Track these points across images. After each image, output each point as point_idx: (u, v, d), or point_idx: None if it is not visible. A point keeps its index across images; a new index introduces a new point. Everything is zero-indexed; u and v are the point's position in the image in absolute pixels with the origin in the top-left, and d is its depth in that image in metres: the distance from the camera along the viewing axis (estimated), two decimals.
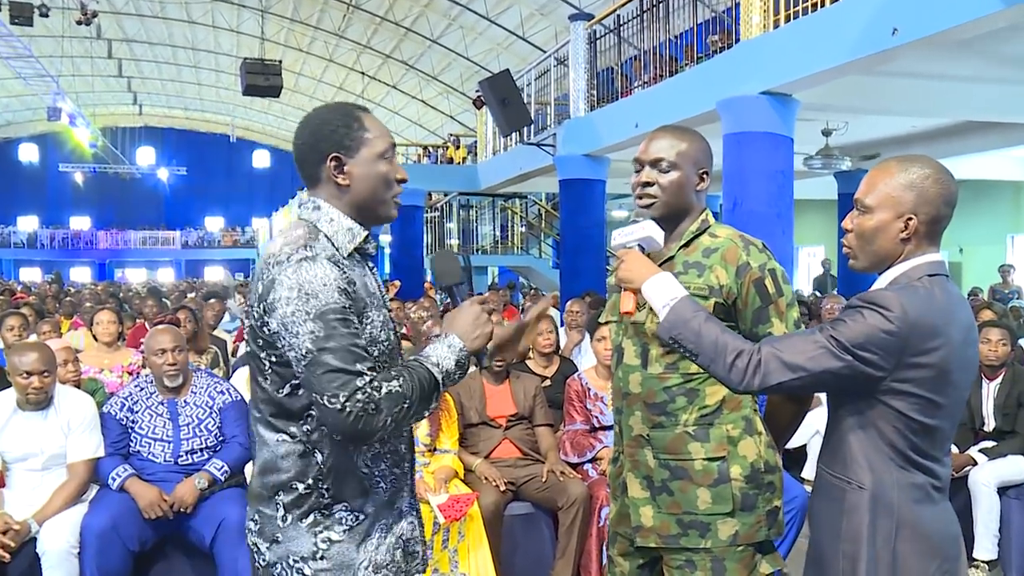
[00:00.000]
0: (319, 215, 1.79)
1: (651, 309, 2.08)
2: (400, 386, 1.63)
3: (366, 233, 1.81)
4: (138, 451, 3.62)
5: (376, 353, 1.73)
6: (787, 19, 6.54)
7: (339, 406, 1.58)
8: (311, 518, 1.73)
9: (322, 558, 1.72)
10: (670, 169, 2.18)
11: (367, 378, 1.60)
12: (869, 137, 9.94)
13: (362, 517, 1.75)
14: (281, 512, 1.74)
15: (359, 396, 1.59)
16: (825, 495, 1.84)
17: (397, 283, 11.09)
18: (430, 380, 1.68)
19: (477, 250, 18.99)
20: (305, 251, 1.68)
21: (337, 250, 1.75)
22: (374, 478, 1.77)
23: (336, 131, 1.77)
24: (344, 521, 1.74)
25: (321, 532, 1.73)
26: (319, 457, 1.73)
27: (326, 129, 1.77)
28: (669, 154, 2.18)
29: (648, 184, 2.19)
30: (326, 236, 1.76)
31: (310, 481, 1.73)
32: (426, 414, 1.70)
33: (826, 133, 9.17)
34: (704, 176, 2.24)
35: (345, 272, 1.69)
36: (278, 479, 1.74)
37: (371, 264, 1.89)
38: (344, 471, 1.74)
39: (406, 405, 1.63)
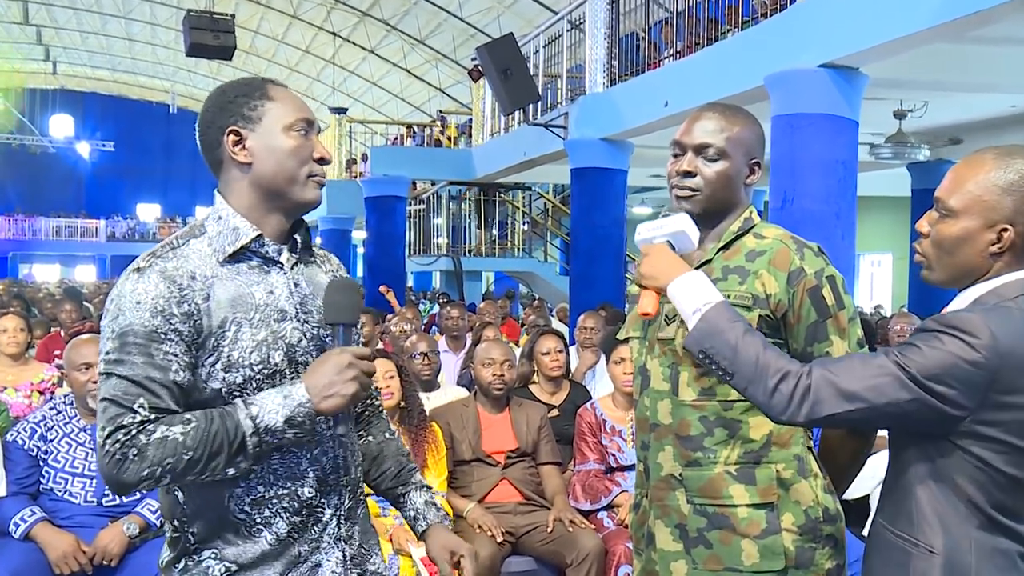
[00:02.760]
0: (211, 211, 1.89)
1: (683, 321, 2.09)
2: (182, 434, 1.68)
3: (256, 233, 1.85)
4: (51, 489, 3.59)
5: (239, 379, 1.78)
6: None
7: (101, 441, 1.69)
8: (182, 563, 1.84)
9: None
10: (718, 158, 2.18)
11: (139, 417, 1.68)
12: (953, 120, 9.91)
13: (235, 569, 1.82)
14: (165, 552, 1.88)
15: (120, 435, 1.68)
16: (884, 556, 1.84)
17: (389, 290, 11.13)
18: (234, 434, 1.71)
19: (468, 252, 19.00)
20: (141, 262, 1.79)
21: (215, 253, 1.82)
22: (255, 525, 1.83)
23: (235, 101, 1.86)
24: (212, 570, 1.81)
25: None
26: (180, 496, 1.83)
27: (224, 101, 1.87)
28: (717, 139, 2.18)
29: (689, 174, 2.19)
30: (209, 238, 1.84)
31: (176, 523, 1.84)
32: (229, 472, 1.73)
33: (899, 115, 9.17)
34: (756, 167, 2.25)
35: (182, 290, 1.75)
36: (162, 517, 1.91)
37: (287, 266, 1.90)
38: (212, 515, 1.82)
39: (187, 458, 1.68)
